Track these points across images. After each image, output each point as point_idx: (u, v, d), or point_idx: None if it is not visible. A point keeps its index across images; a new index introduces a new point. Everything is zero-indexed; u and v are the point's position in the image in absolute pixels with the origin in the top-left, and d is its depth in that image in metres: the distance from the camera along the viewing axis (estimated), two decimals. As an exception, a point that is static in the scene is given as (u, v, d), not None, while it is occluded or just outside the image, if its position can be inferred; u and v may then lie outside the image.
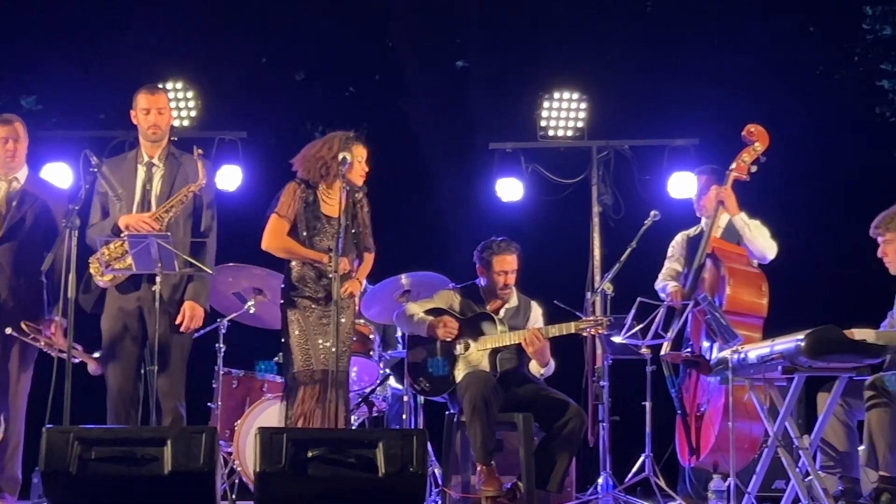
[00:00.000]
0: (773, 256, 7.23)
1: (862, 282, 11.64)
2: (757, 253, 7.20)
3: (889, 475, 5.80)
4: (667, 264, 7.58)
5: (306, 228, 6.46)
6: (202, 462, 5.12)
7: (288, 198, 6.49)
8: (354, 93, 16.31)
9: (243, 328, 8.05)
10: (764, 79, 14.77)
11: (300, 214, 6.46)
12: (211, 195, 6.67)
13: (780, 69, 15.12)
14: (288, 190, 6.51)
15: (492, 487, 6.70)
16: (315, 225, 6.46)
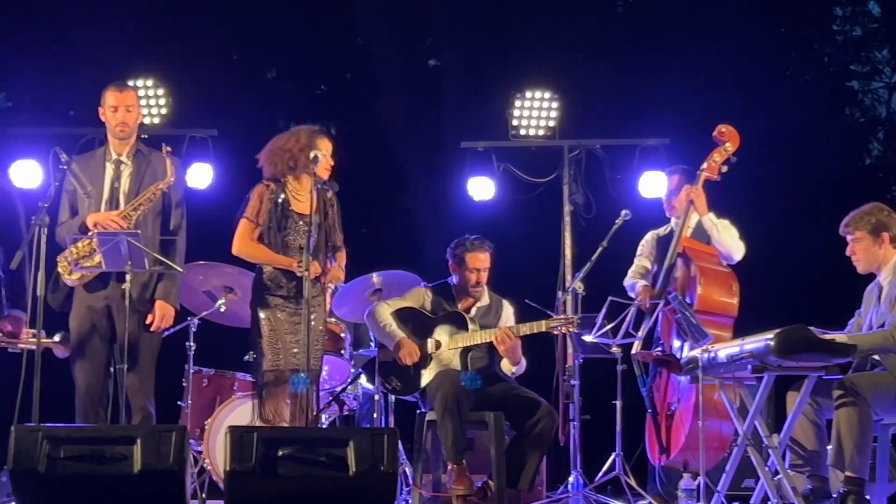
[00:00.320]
0: (739, 257, 7.26)
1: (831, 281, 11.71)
2: (724, 253, 7.24)
3: (855, 476, 5.82)
4: (636, 262, 7.60)
5: (278, 228, 6.43)
6: (172, 461, 5.11)
7: (256, 201, 6.45)
8: (326, 91, 16.29)
9: (214, 326, 8.02)
10: (735, 79, 14.84)
11: (271, 214, 6.43)
12: (180, 193, 6.64)
13: (751, 70, 15.19)
14: (256, 192, 6.48)
15: (463, 486, 6.70)
16: (286, 224, 6.44)
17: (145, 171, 6.53)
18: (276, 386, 6.35)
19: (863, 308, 6.37)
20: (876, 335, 6.06)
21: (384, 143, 14.92)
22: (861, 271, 6.35)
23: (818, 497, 5.99)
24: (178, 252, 6.52)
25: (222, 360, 8.07)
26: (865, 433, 5.86)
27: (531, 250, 11.57)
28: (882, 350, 6.01)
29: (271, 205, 6.43)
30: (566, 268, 8.91)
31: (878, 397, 5.89)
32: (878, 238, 6.22)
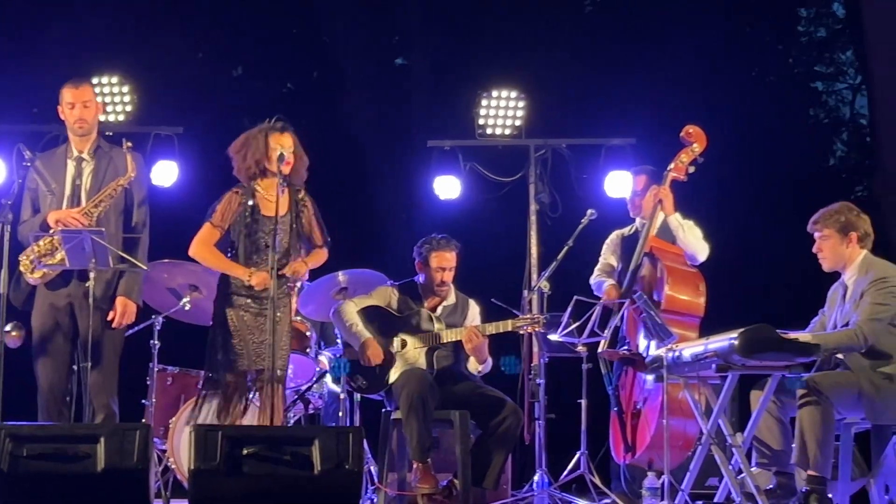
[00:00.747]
0: (704, 258, 7.29)
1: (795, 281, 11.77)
2: (689, 253, 7.26)
3: (818, 475, 5.86)
4: (601, 260, 7.62)
5: (248, 234, 6.39)
6: (136, 459, 5.09)
7: (224, 207, 6.42)
8: (292, 89, 16.26)
9: (178, 325, 7.99)
10: (700, 79, 14.89)
11: (241, 220, 6.39)
12: (144, 190, 6.60)
13: (717, 70, 15.25)
14: (226, 198, 6.44)
15: (428, 485, 6.70)
16: (255, 228, 6.40)
17: (107, 167, 6.49)
18: (236, 386, 6.33)
19: (826, 307, 6.40)
20: (841, 334, 6.09)
21: (350, 141, 14.90)
22: (826, 269, 6.38)
23: (785, 493, 6.02)
24: (142, 250, 6.48)
25: (187, 359, 8.04)
26: (828, 432, 5.90)
27: (497, 249, 11.59)
28: (847, 349, 6.04)
29: (242, 210, 6.40)
30: (532, 267, 8.92)
31: (840, 396, 5.93)
32: (846, 237, 6.25)
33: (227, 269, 6.38)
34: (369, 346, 6.95)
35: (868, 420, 6.08)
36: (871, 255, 6.29)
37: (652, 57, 14.85)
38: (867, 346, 6.00)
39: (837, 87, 18.75)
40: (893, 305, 6.05)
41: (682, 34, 14.81)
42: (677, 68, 14.73)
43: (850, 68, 18.40)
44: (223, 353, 6.37)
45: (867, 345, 5.99)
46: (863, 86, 16.78)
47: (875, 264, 6.23)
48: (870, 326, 5.98)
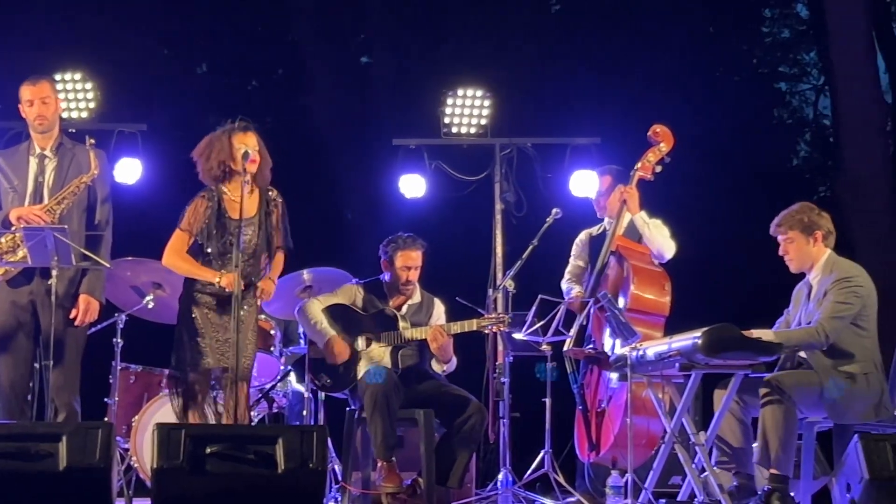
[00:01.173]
0: (670, 255, 7.31)
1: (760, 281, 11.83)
2: (655, 251, 7.28)
3: (780, 473, 5.89)
4: (571, 262, 7.64)
5: (217, 237, 6.36)
6: (98, 458, 5.05)
7: (192, 212, 6.39)
8: (257, 87, 16.22)
9: (142, 323, 7.95)
10: (665, 80, 14.95)
11: (210, 225, 6.36)
12: (107, 187, 6.57)
13: (681, 70, 15.32)
14: (193, 204, 6.40)
15: (392, 484, 6.70)
16: (223, 231, 6.37)
17: (69, 164, 6.46)
18: (203, 385, 6.31)
19: (791, 307, 6.44)
20: (802, 331, 6.13)
21: (315, 139, 14.88)
22: (794, 270, 6.41)
23: (744, 494, 6.05)
24: (105, 247, 6.45)
25: (150, 357, 8.01)
26: (790, 431, 5.93)
27: (462, 248, 11.58)
28: (808, 346, 6.08)
29: (210, 213, 6.37)
30: (497, 266, 8.93)
31: (803, 395, 5.96)
32: (811, 236, 6.28)
33: (197, 274, 6.35)
34: (335, 343, 6.94)
35: (830, 419, 6.12)
36: (835, 255, 6.32)
37: (617, 57, 14.91)
38: (828, 344, 6.03)
39: (801, 88, 18.86)
40: (856, 305, 6.08)
41: (647, 34, 14.88)
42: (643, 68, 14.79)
43: (813, 69, 18.52)
44: (188, 351, 6.34)
45: (828, 342, 6.03)
46: (826, 86, 16.88)
47: (839, 264, 6.26)
48: (831, 324, 6.02)
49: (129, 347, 7.81)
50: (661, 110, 12.49)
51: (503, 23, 14.81)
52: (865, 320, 6.14)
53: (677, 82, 15.07)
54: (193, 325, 6.35)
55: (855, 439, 5.26)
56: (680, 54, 15.27)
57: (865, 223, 12.76)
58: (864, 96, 13.26)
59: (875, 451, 5.15)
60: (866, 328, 6.14)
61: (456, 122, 9.15)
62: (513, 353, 7.96)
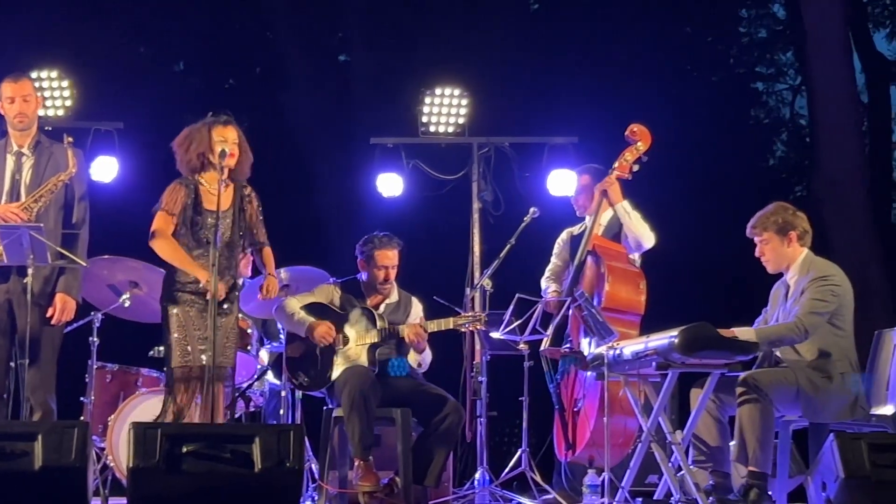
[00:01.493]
0: (649, 245, 7.30)
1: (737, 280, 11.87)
2: (634, 241, 7.28)
3: (758, 470, 5.90)
4: (552, 261, 7.65)
5: (191, 225, 6.35)
6: (74, 457, 5.03)
7: (173, 195, 6.36)
8: (234, 85, 16.19)
9: (118, 321, 7.92)
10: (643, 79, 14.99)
11: (185, 212, 6.35)
12: (84, 186, 6.55)
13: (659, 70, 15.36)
14: (172, 188, 6.38)
15: (369, 482, 6.69)
16: (198, 220, 6.36)
17: (47, 162, 6.43)
18: (184, 383, 6.28)
19: (769, 306, 6.45)
20: (781, 326, 6.14)
21: (293, 138, 14.86)
22: (771, 271, 6.43)
23: (720, 492, 6.06)
24: (81, 246, 6.42)
25: (126, 356, 7.98)
26: (767, 429, 5.95)
27: (440, 247, 11.58)
28: (788, 341, 6.09)
29: (186, 201, 6.35)
30: (474, 265, 8.94)
31: (779, 394, 5.98)
32: (786, 237, 6.30)
33: (188, 267, 6.29)
34: (317, 326, 6.94)
35: (806, 418, 6.14)
36: (812, 254, 6.34)
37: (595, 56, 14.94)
38: (807, 338, 6.05)
39: (778, 88, 18.94)
40: (832, 303, 6.11)
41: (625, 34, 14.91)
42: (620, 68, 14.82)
43: (790, 69, 18.59)
44: (170, 350, 6.31)
45: (807, 336, 6.05)
46: (803, 87, 16.95)
47: (816, 263, 6.29)
48: (810, 319, 6.04)
49: (106, 346, 7.78)
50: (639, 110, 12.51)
51: (481, 22, 14.82)
52: (842, 319, 6.16)
53: (655, 82, 15.12)
54: (173, 325, 6.32)
55: (830, 438, 5.28)
56: (657, 54, 15.31)
57: (842, 223, 12.83)
58: (840, 96, 13.32)
59: (850, 449, 5.17)
60: (842, 327, 6.17)
61: (434, 120, 9.16)
62: (490, 352, 7.96)
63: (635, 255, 7.34)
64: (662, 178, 12.61)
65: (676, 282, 12.17)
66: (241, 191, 6.45)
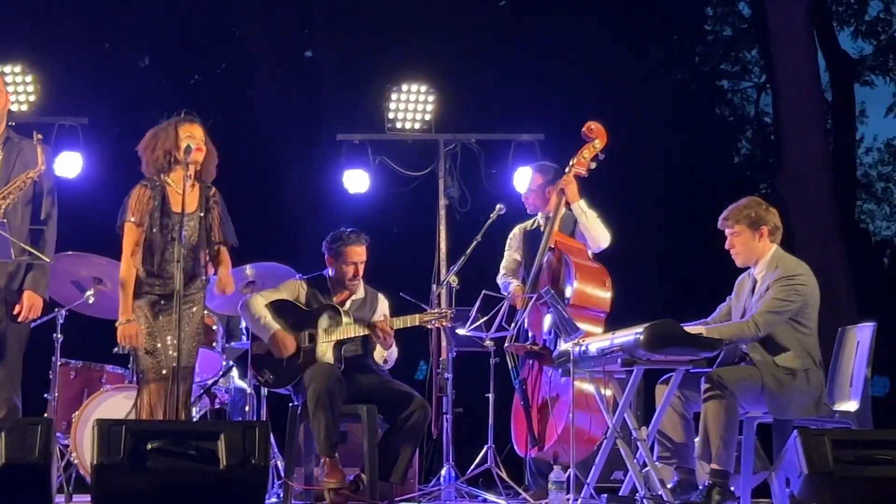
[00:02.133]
0: (606, 245, 7.34)
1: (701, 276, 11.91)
2: (592, 241, 7.31)
3: (720, 468, 5.93)
4: (506, 256, 7.66)
5: (160, 228, 6.30)
6: (37, 454, 5.01)
7: (135, 201, 6.32)
8: (200, 80, 16.13)
9: (82, 318, 7.88)
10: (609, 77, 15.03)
11: (153, 218, 6.31)
12: (51, 182, 6.50)
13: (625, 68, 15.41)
14: (135, 194, 6.34)
15: (335, 479, 6.69)
16: (167, 223, 6.32)
17: (16, 159, 6.38)
18: (156, 383, 6.24)
19: (734, 296, 6.47)
20: (734, 326, 6.17)
21: (259, 134, 14.83)
22: (740, 264, 6.45)
23: (685, 489, 6.09)
24: (48, 242, 6.38)
25: (90, 352, 7.94)
26: (731, 426, 5.97)
27: (406, 243, 11.60)
28: (739, 340, 6.12)
29: (153, 205, 6.31)
30: (441, 261, 8.93)
31: (744, 391, 6.01)
32: (757, 231, 6.32)
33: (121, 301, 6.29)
34: (280, 337, 6.92)
35: (770, 414, 6.17)
36: (781, 251, 6.37)
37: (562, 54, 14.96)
38: (760, 337, 6.08)
39: (743, 86, 19.04)
40: (796, 302, 6.13)
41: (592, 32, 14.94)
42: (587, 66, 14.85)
43: (755, 67, 18.70)
44: (140, 349, 6.27)
45: (759, 336, 6.07)
46: (768, 84, 17.05)
47: (784, 260, 6.31)
48: (765, 318, 6.06)
49: (70, 342, 7.73)
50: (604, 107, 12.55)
51: (448, 19, 14.83)
52: (807, 318, 6.19)
53: (620, 79, 15.16)
54: (141, 325, 6.28)
55: (794, 434, 5.31)
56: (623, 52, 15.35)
57: (806, 220, 12.90)
58: (805, 94, 13.39)
59: (814, 445, 5.20)
60: (807, 325, 6.19)
61: (400, 117, 9.15)
62: (456, 349, 7.96)
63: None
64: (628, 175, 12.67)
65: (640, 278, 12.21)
66: (206, 192, 6.42)
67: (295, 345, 6.96)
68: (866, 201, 20.53)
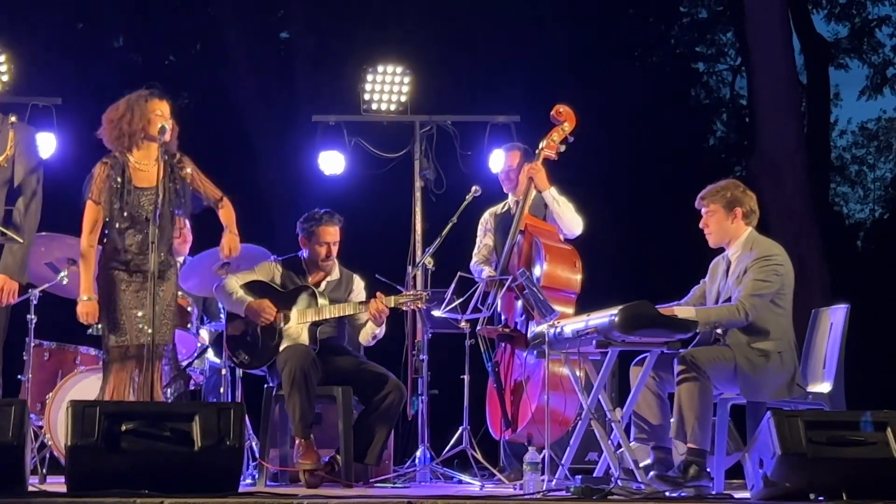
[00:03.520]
0: (579, 231, 7.37)
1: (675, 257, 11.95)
2: (566, 228, 7.33)
3: (697, 447, 5.95)
4: (479, 242, 7.66)
5: (122, 205, 6.27)
6: (11, 436, 4.98)
7: (98, 180, 6.30)
8: (174, 61, 16.05)
9: (56, 299, 7.84)
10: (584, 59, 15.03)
11: (113, 192, 6.27)
12: (33, 161, 6.43)
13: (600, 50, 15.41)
14: (97, 173, 6.31)
15: (310, 461, 6.69)
16: (129, 199, 6.28)
17: None
18: (121, 362, 6.23)
19: (708, 279, 6.50)
20: (722, 309, 6.19)
21: (234, 115, 14.77)
22: (712, 244, 6.47)
23: (660, 469, 6.11)
24: (29, 221, 6.31)
25: (64, 334, 7.90)
26: (706, 406, 6.00)
27: (382, 225, 11.58)
28: (728, 324, 6.14)
29: (112, 182, 6.27)
30: (416, 243, 8.93)
31: (717, 372, 6.03)
32: (731, 213, 6.35)
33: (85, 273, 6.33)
34: (255, 304, 6.93)
35: (744, 396, 6.20)
36: (755, 233, 6.40)
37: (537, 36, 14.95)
38: (748, 322, 6.11)
39: (718, 68, 19.06)
40: (775, 283, 6.16)
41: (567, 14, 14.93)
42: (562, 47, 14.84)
43: (730, 49, 18.72)
44: (105, 328, 6.26)
45: (748, 320, 6.10)
46: (743, 67, 17.08)
47: (759, 242, 6.34)
48: (751, 302, 6.09)
49: (43, 323, 7.70)
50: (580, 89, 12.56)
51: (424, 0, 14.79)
52: (783, 299, 6.22)
53: (596, 61, 15.16)
54: (109, 302, 6.27)
55: (767, 416, 5.33)
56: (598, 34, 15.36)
57: (780, 202, 12.94)
58: (779, 77, 13.43)
59: (787, 427, 5.22)
60: (783, 306, 6.22)
61: (376, 98, 9.13)
62: (431, 331, 7.97)
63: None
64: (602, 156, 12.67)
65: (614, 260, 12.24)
66: (171, 160, 6.36)
67: (274, 308, 6.95)
68: (840, 184, 20.63)
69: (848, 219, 20.46)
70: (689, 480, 5.85)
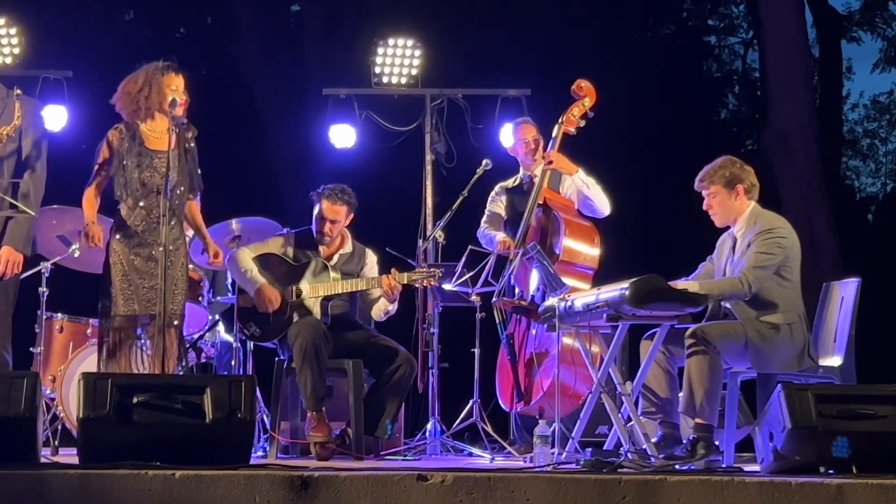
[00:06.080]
0: (609, 212, 7.40)
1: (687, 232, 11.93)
2: (598, 209, 7.37)
3: (705, 422, 5.96)
4: (488, 211, 7.65)
5: (136, 166, 6.32)
6: (23, 408, 5.00)
7: (105, 146, 6.38)
8: (185, 34, 16.04)
9: (68, 272, 7.86)
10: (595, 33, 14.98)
11: (126, 153, 6.32)
12: (38, 134, 6.46)
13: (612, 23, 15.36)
14: (107, 136, 6.40)
15: (321, 433, 6.71)
16: (141, 161, 6.34)
17: (1, 112, 6.34)
18: (126, 332, 6.25)
19: (715, 256, 6.49)
20: (725, 282, 6.19)
21: (245, 88, 14.76)
22: (719, 224, 6.46)
23: (669, 443, 6.12)
24: (35, 193, 6.33)
25: (76, 306, 7.92)
26: (715, 381, 6.00)
27: (392, 198, 11.58)
28: (731, 296, 6.14)
29: (125, 143, 6.32)
30: (427, 216, 8.93)
31: (727, 346, 6.03)
32: (733, 190, 6.33)
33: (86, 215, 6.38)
34: (266, 290, 6.94)
35: (754, 369, 6.20)
36: (759, 207, 6.38)
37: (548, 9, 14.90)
38: (752, 293, 6.10)
39: (730, 42, 18.99)
40: (778, 255, 6.15)
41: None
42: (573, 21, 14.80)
43: (742, 22, 18.64)
44: (113, 297, 6.29)
45: (751, 292, 6.09)
46: (755, 40, 17.01)
47: (763, 216, 6.33)
48: (754, 274, 6.08)
49: (55, 296, 7.72)
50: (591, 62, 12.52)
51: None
52: (789, 271, 6.21)
53: (607, 34, 15.11)
54: (118, 271, 6.30)
55: (778, 389, 5.33)
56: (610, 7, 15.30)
57: (791, 176, 12.92)
58: (791, 50, 13.37)
59: (797, 400, 5.22)
60: (790, 279, 6.21)
61: (387, 71, 9.11)
62: (442, 304, 7.97)
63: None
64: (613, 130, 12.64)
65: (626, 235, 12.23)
66: (184, 133, 6.42)
67: (280, 299, 6.97)
68: (852, 157, 20.58)
69: (859, 192, 20.42)
70: (698, 459, 5.86)
